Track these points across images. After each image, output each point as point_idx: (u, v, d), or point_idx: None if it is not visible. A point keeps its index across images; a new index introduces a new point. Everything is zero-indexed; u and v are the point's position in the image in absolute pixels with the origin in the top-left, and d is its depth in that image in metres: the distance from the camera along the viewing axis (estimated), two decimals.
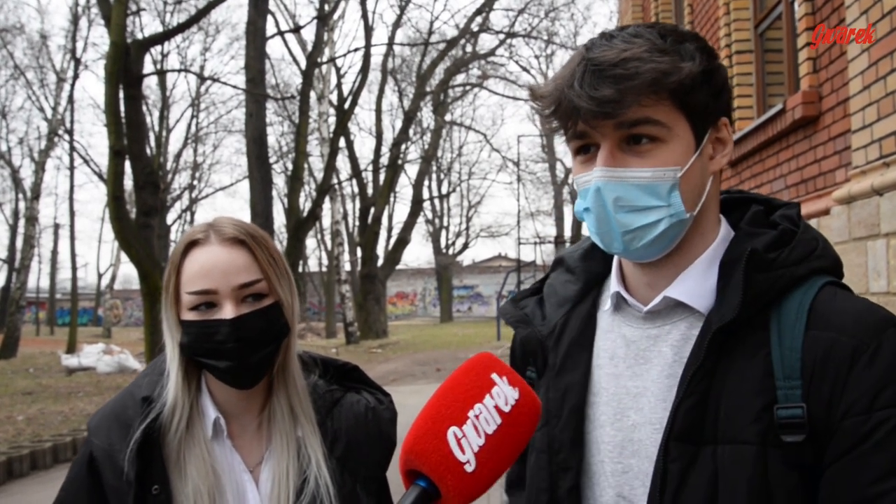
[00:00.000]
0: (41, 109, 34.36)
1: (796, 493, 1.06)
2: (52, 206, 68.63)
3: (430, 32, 33.42)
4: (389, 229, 40.67)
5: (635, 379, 1.23)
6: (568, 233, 38.52)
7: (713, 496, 1.09)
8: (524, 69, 40.53)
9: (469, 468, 0.95)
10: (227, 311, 1.42)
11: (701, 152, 1.17)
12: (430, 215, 49.52)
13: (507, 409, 1.00)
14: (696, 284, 1.20)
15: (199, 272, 1.44)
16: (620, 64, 1.10)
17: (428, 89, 33.57)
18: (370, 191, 32.96)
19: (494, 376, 1.02)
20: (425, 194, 41.06)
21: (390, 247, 35.28)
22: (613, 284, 1.29)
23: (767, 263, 1.13)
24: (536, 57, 40.72)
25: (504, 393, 1.01)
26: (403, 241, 33.94)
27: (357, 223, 34.66)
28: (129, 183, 17.46)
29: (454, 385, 1.01)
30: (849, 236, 4.08)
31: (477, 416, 0.98)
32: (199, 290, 1.43)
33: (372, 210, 31.79)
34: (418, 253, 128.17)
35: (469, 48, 34.58)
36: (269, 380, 1.56)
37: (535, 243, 36.62)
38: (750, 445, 1.07)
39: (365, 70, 28.65)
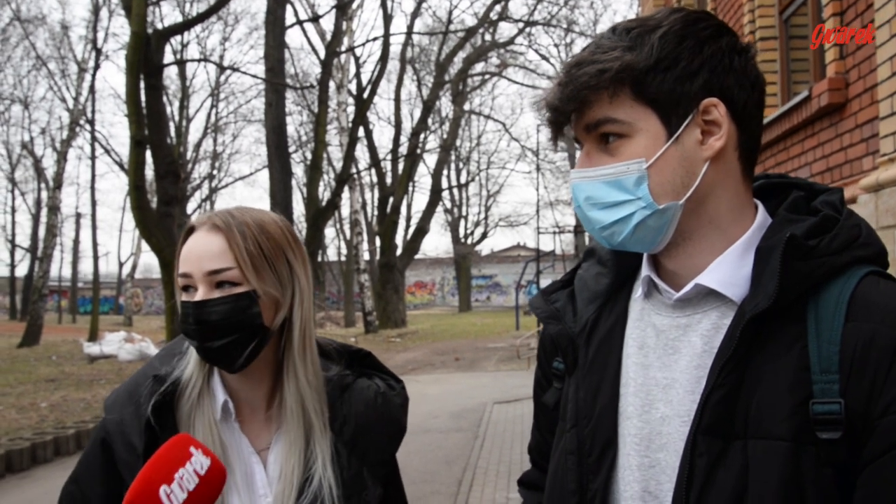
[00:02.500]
0: (63, 100, 34.80)
1: (830, 491, 1.01)
2: (74, 196, 69.50)
3: (449, 21, 33.39)
4: (408, 219, 40.73)
5: (664, 370, 1.18)
6: None
7: (741, 492, 1.04)
8: (544, 58, 40.42)
9: None
10: (198, 295, 1.47)
11: (679, 140, 1.13)
12: (448, 205, 49.58)
13: (202, 472, 1.30)
14: (730, 272, 1.15)
15: (184, 257, 1.51)
16: (566, 72, 1.16)
17: (447, 78, 33.55)
18: (389, 180, 33.04)
19: (192, 449, 1.31)
20: (444, 184, 41.10)
21: (409, 236, 35.37)
22: (645, 268, 1.26)
23: (807, 251, 1.08)
24: (556, 45, 40.51)
25: (200, 461, 1.31)
26: (422, 230, 33.98)
27: (376, 212, 34.82)
28: (149, 172, 17.58)
29: (162, 455, 1.30)
30: (876, 225, 4.02)
31: (181, 478, 1.28)
32: (180, 273, 1.50)
33: (391, 199, 31.87)
34: (437, 242, 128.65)
35: (488, 37, 34.50)
36: (276, 369, 1.58)
37: (554, 233, 36.47)
38: (783, 441, 1.02)
39: (384, 59, 28.67)
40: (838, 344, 1.03)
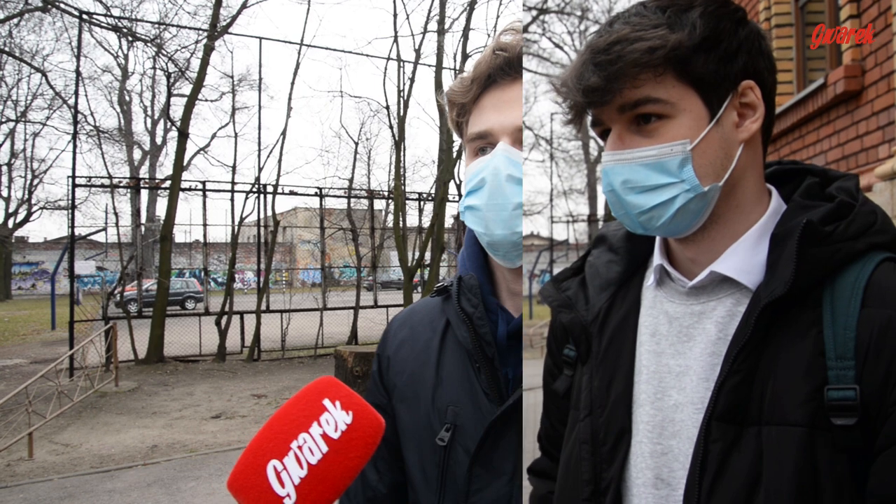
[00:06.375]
0: None
1: (844, 477, 1.00)
2: None
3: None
4: None
5: (678, 357, 1.17)
6: (601, 211, 38.26)
7: (756, 479, 1.04)
8: (557, 46, 40.16)
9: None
10: None
11: (719, 121, 1.12)
12: None
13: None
14: (745, 259, 1.14)
15: None
16: (605, 50, 1.10)
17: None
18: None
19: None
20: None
21: None
22: (657, 257, 1.24)
23: (823, 237, 1.07)
24: (570, 33, 40.24)
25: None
26: None
27: None
28: None
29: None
30: (891, 213, 4.00)
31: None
32: None
33: None
34: None
35: None
36: None
37: (568, 222, 36.37)
38: (797, 427, 1.01)
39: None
40: (854, 330, 1.02)
